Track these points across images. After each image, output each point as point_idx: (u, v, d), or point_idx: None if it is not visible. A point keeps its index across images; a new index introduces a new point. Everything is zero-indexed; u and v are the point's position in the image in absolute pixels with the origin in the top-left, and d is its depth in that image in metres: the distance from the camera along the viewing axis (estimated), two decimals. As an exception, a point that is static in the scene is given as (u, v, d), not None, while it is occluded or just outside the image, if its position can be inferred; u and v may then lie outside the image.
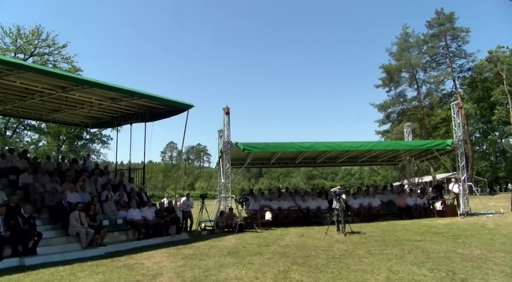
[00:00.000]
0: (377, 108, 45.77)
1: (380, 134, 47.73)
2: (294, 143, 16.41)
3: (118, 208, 11.82)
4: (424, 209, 17.55)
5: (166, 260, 8.31)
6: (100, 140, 34.06)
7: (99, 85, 11.09)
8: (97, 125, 18.37)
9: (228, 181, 15.59)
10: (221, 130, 16.18)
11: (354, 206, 16.69)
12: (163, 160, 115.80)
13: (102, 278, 6.67)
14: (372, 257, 8.00)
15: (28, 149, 25.98)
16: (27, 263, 8.00)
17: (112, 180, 14.21)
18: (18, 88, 11.03)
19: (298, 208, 16.40)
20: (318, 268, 7.07)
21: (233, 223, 13.96)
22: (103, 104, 13.16)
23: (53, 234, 9.87)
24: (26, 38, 28.45)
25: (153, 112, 14.36)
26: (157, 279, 6.53)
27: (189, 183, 79.54)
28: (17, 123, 30.38)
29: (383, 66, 44.44)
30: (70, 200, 10.76)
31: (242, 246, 10.20)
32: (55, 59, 30.38)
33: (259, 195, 17.68)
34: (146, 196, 14.14)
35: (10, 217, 8.66)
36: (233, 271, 6.94)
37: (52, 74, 10.91)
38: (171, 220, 12.47)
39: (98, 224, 10.27)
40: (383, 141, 39.78)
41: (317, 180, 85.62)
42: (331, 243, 10.20)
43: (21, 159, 13.04)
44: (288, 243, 10.44)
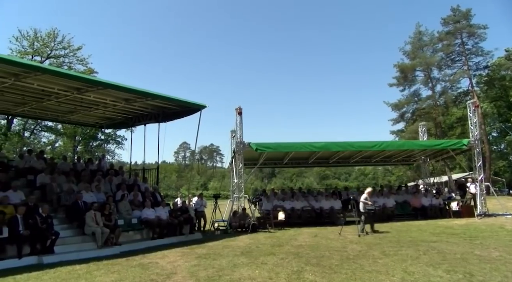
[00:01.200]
0: (391, 107, 45.27)
1: (394, 133, 47.21)
2: (307, 143, 16.32)
3: (132, 207, 11.95)
4: (439, 210, 17.26)
5: (180, 260, 8.37)
6: (114, 140, 34.53)
7: (113, 86, 11.23)
8: (111, 126, 18.62)
9: (241, 181, 15.61)
10: (233, 131, 16.21)
11: (368, 207, 16.50)
12: (176, 160, 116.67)
13: (117, 277, 6.75)
14: (386, 258, 7.91)
15: (45, 150, 26.49)
16: (45, 261, 8.16)
17: (126, 180, 14.39)
18: (36, 90, 11.26)
19: (311, 208, 16.32)
20: (332, 268, 7.02)
21: (246, 223, 13.98)
22: (117, 105, 13.33)
23: (69, 233, 10.04)
24: (42, 41, 29.04)
25: (166, 113, 14.49)
26: (171, 278, 6.58)
27: (202, 183, 79.93)
28: (35, 125, 31.05)
29: (397, 65, 43.92)
30: (85, 200, 10.93)
31: (255, 246, 10.20)
32: (70, 61, 30.98)
33: (272, 195, 17.65)
34: (160, 196, 14.27)
35: (28, 216, 8.86)
36: (246, 271, 6.95)
37: (67, 76, 11.11)
38: (184, 220, 12.55)
39: (113, 224, 10.41)
40: (397, 140, 39.29)
41: (330, 180, 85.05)
42: (345, 244, 10.13)
43: (39, 160, 13.32)
44: (301, 243, 10.40)
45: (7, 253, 8.23)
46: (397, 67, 43.99)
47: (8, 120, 27.86)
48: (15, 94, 11.82)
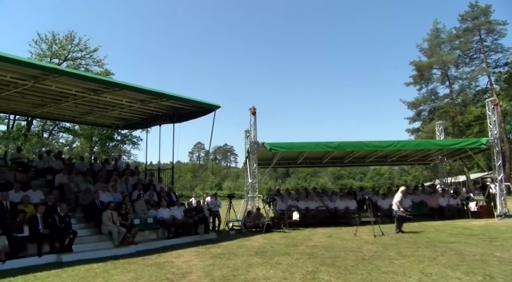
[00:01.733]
0: (408, 105, 44.62)
1: (410, 132, 46.51)
2: (321, 142, 16.22)
3: (148, 207, 12.10)
4: (457, 210, 16.93)
5: (195, 259, 8.42)
6: (130, 141, 34.99)
7: (129, 87, 11.39)
8: (127, 127, 18.88)
9: (255, 180, 15.62)
10: (247, 131, 16.24)
11: (384, 207, 16.32)
12: (191, 160, 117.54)
13: (133, 275, 6.84)
14: (403, 259, 7.81)
15: (63, 150, 27.03)
16: (63, 260, 8.33)
17: (142, 180, 14.56)
18: (54, 92, 11.50)
19: (325, 208, 16.21)
20: (347, 269, 6.96)
21: (261, 223, 13.99)
22: (133, 106, 13.51)
23: (87, 232, 10.22)
24: (60, 44, 29.64)
25: (181, 113, 14.61)
26: (186, 277, 6.63)
27: (216, 182, 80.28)
28: (53, 126, 31.73)
29: (413, 63, 43.25)
30: (102, 200, 11.12)
31: (269, 246, 10.20)
32: (87, 63, 31.53)
33: (286, 195, 17.62)
34: (175, 196, 14.39)
35: (48, 216, 9.07)
36: (261, 271, 6.95)
37: (84, 78, 11.36)
38: (199, 220, 12.64)
39: (129, 223, 10.56)
40: (414, 139, 38.69)
41: (345, 180, 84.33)
42: (360, 244, 10.03)
43: (57, 160, 13.60)
44: (316, 244, 10.35)
45: (28, 251, 8.44)
46: (413, 65, 43.33)
47: (28, 122, 28.56)
48: (34, 96, 12.12)
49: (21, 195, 9.67)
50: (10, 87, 10.81)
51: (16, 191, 9.91)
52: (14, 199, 9.47)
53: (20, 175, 11.47)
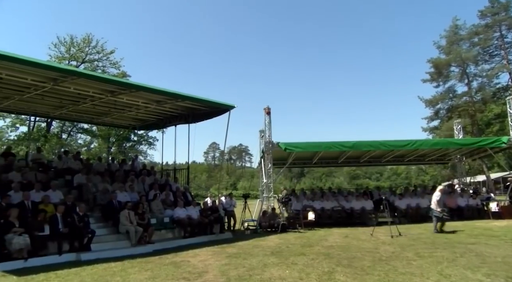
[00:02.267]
0: (425, 103, 43.80)
1: (427, 131, 45.64)
2: (336, 142, 16.10)
3: (164, 207, 12.23)
4: (477, 210, 16.56)
5: (211, 258, 8.47)
6: (146, 141, 35.32)
7: (145, 88, 11.54)
8: (143, 128, 19.13)
9: (270, 180, 15.62)
10: (262, 131, 16.25)
11: (401, 207, 16.13)
12: (206, 160, 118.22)
13: (150, 274, 6.92)
14: (421, 260, 7.68)
15: (81, 151, 27.55)
16: (83, 258, 8.50)
17: (158, 180, 14.73)
18: (72, 93, 11.76)
19: (341, 208, 16.09)
20: (364, 270, 6.89)
21: (276, 223, 13.97)
22: (149, 107, 13.68)
23: (104, 232, 10.40)
24: (78, 46, 30.17)
25: (196, 113, 14.71)
26: (202, 277, 6.67)
27: (231, 182, 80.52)
28: (72, 127, 32.32)
29: (431, 60, 42.44)
30: (120, 199, 11.29)
31: (285, 246, 10.17)
32: (104, 65, 31.98)
33: (302, 195, 17.55)
34: (190, 195, 14.51)
35: (67, 215, 9.26)
36: (276, 271, 6.94)
37: (101, 79, 11.61)
38: (215, 219, 12.71)
39: (146, 222, 10.69)
40: (431, 138, 38.02)
41: (361, 180, 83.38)
42: (377, 245, 9.92)
43: (75, 160, 13.88)
44: (332, 244, 10.28)
45: (48, 250, 8.65)
46: (430, 62, 42.54)
47: (48, 123, 29.17)
48: (53, 98, 12.41)
49: (42, 194, 9.91)
50: (31, 90, 11.10)
51: (37, 190, 10.17)
52: (35, 198, 9.73)
53: (41, 175, 11.75)
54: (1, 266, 7.48)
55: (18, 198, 9.42)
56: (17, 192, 9.69)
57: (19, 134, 28.32)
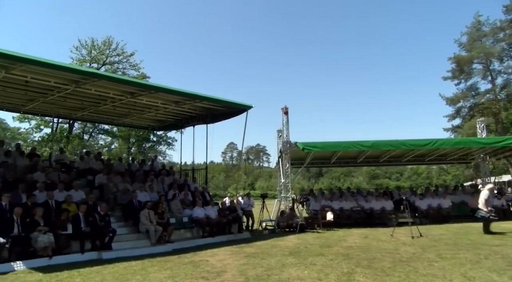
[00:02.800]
0: (446, 101, 42.80)
1: (448, 130, 44.61)
2: (355, 141, 15.92)
3: (183, 206, 12.35)
4: (502, 211, 16.06)
5: (229, 258, 8.51)
6: (165, 142, 35.75)
7: (164, 89, 11.71)
8: (162, 128, 19.39)
9: (288, 180, 15.58)
10: (280, 130, 16.22)
11: (422, 207, 15.83)
12: (223, 160, 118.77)
13: (170, 273, 7.00)
14: (443, 261, 7.52)
15: (102, 151, 28.13)
16: (104, 257, 8.68)
17: (177, 180, 14.90)
18: (93, 95, 12.03)
19: (361, 208, 15.90)
20: (384, 271, 6.79)
21: (294, 223, 13.92)
22: (168, 108, 13.86)
23: (125, 231, 10.59)
24: (99, 49, 30.81)
25: (213, 114, 14.82)
26: (221, 276, 6.71)
27: (249, 182, 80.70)
28: (93, 128, 33.05)
29: (452, 57, 41.42)
30: (140, 199, 11.47)
31: (303, 246, 10.13)
32: (124, 67, 32.55)
33: (320, 194, 17.44)
34: (209, 195, 14.62)
35: (89, 214, 9.48)
36: (295, 271, 6.92)
37: (121, 81, 11.85)
38: (233, 219, 12.77)
39: (165, 222, 10.82)
40: (453, 137, 37.14)
41: (380, 180, 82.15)
42: (397, 246, 9.76)
43: (97, 161, 14.18)
44: (351, 245, 10.17)
45: (71, 248, 8.87)
46: (452, 59, 41.53)
47: (70, 125, 29.91)
48: (75, 100, 12.73)
49: (65, 194, 10.19)
50: (54, 92, 11.43)
51: (60, 190, 10.45)
52: (59, 198, 10.00)
53: (63, 175, 12.05)
54: (28, 263, 7.73)
55: (43, 198, 9.71)
56: (42, 192, 9.98)
57: (43, 136, 29.24)
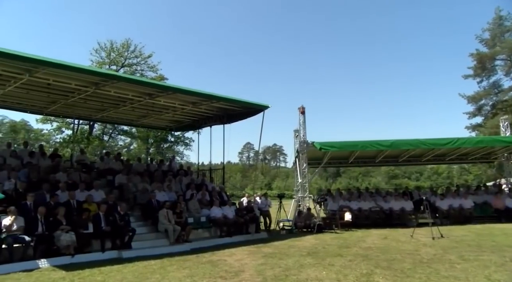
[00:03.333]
0: (467, 100, 41.79)
1: (470, 129, 43.52)
2: (373, 141, 15.72)
3: (201, 206, 12.44)
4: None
5: (247, 258, 8.53)
6: (183, 142, 36.09)
7: (181, 90, 11.84)
8: (180, 129, 19.60)
9: (305, 180, 15.51)
10: (297, 130, 16.17)
11: (443, 207, 15.50)
12: (240, 160, 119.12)
13: (188, 272, 7.07)
14: (465, 263, 7.34)
15: (121, 152, 28.63)
16: (124, 256, 8.83)
17: (195, 180, 15.01)
18: (113, 97, 12.27)
19: (379, 209, 15.69)
20: (404, 272, 6.69)
21: (312, 223, 13.85)
22: (185, 108, 13.99)
23: (144, 230, 10.75)
24: (117, 51, 31.35)
25: (230, 114, 14.89)
26: (239, 276, 6.73)
27: (266, 182, 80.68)
28: (112, 129, 33.67)
29: (474, 54, 40.40)
30: (158, 199, 11.62)
31: (321, 246, 10.07)
32: (142, 69, 33.02)
33: (338, 195, 17.29)
34: (226, 195, 14.69)
35: (109, 214, 9.66)
36: (313, 272, 6.88)
37: (140, 83, 12.06)
38: (250, 219, 12.79)
39: (183, 221, 10.93)
40: (475, 136, 36.21)
41: (399, 180, 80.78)
42: (417, 247, 9.59)
43: (116, 161, 14.43)
44: (370, 245, 10.05)
45: (92, 247, 9.05)
46: (473, 56, 40.50)
47: (90, 126, 30.55)
48: (95, 101, 13.01)
49: (86, 194, 10.40)
50: (75, 94, 11.71)
51: (81, 190, 10.69)
52: (80, 198, 10.23)
53: (84, 175, 12.31)
54: (51, 261, 7.95)
55: (65, 197, 9.94)
56: (64, 192, 10.22)
57: (64, 137, 29.93)
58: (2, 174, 10.19)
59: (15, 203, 8.76)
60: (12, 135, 51.01)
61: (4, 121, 57.54)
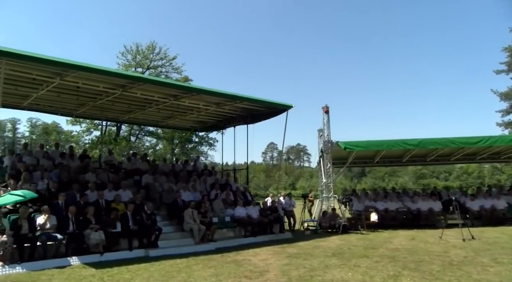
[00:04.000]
0: (500, 96, 40.19)
1: (503, 126, 41.82)
2: (400, 140, 15.38)
3: (225, 206, 12.54)
4: None
5: (271, 258, 8.53)
6: (207, 143, 36.47)
7: (205, 91, 11.98)
8: (204, 129, 19.81)
9: (329, 180, 15.35)
10: (321, 130, 16.01)
11: (474, 208, 15.01)
12: (264, 160, 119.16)
13: (214, 272, 7.14)
14: (499, 266, 7.08)
15: (147, 152, 29.21)
16: (151, 255, 9.01)
17: (219, 180, 15.14)
18: (139, 98, 12.54)
19: (407, 209, 15.35)
20: (433, 274, 6.51)
21: (337, 224, 13.70)
22: (209, 109, 14.13)
23: (170, 229, 10.94)
24: (143, 54, 32.01)
25: (254, 114, 14.93)
26: (264, 276, 6.74)
27: (290, 182, 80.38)
28: (139, 130, 34.42)
29: (508, 47, 38.77)
30: (184, 198, 11.79)
31: (347, 247, 9.94)
32: (167, 70, 33.56)
33: (363, 195, 17.03)
34: (250, 195, 14.73)
35: (136, 213, 9.88)
36: (338, 273, 6.81)
37: (165, 84, 12.35)
38: (274, 219, 12.78)
39: (208, 221, 11.05)
40: (508, 134, 34.80)
41: (427, 180, 78.68)
42: (446, 248, 9.32)
43: (143, 162, 14.74)
44: (397, 247, 9.85)
45: (120, 246, 9.28)
46: (508, 50, 38.89)
47: (117, 127, 31.35)
48: (122, 103, 13.34)
49: (114, 194, 10.68)
50: (103, 97, 12.05)
51: (109, 190, 10.97)
52: (108, 197, 10.50)
53: (112, 175, 12.63)
54: (82, 258, 8.21)
55: (94, 197, 10.24)
56: (93, 191, 10.52)
57: (92, 138, 30.86)
58: (36, 174, 10.60)
59: (48, 202, 9.12)
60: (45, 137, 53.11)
61: (37, 124, 60.00)
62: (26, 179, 9.69)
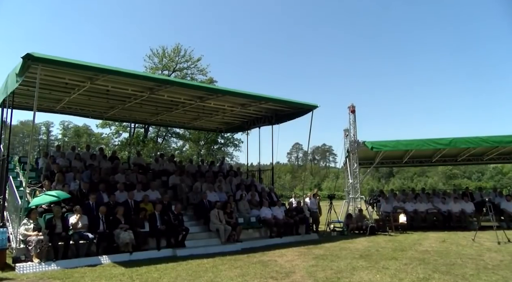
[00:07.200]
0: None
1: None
2: (430, 139, 14.98)
3: (250, 207, 12.59)
4: None
5: (297, 259, 8.49)
6: (232, 143, 36.70)
7: (230, 92, 12.04)
8: (229, 130, 19.95)
9: (356, 181, 15.12)
10: (347, 129, 15.80)
11: (510, 210, 14.41)
12: (289, 161, 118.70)
13: (240, 272, 7.17)
14: (537, 271, 6.76)
15: (175, 154, 29.70)
16: (178, 254, 9.15)
17: (244, 181, 15.21)
18: (166, 101, 12.80)
19: (437, 210, 14.92)
20: (466, 278, 6.29)
21: (364, 225, 13.47)
22: (234, 110, 14.23)
23: (197, 229, 11.08)
24: (169, 57, 32.57)
25: (279, 115, 14.89)
26: (290, 277, 6.71)
27: (315, 183, 79.72)
28: (166, 132, 35.05)
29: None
30: (210, 199, 11.91)
31: (374, 249, 9.76)
32: (192, 72, 33.97)
33: (391, 196, 16.67)
34: (275, 196, 14.71)
35: (164, 213, 10.07)
36: (366, 275, 6.69)
37: (191, 86, 12.52)
38: (300, 220, 12.71)
39: (234, 221, 11.12)
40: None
41: (458, 180, 76.10)
42: (480, 251, 8.99)
43: (170, 163, 15.01)
44: (427, 249, 9.59)
45: (149, 245, 9.50)
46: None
47: (145, 129, 32.04)
48: (150, 106, 13.63)
49: (142, 194, 10.91)
50: (131, 99, 12.36)
51: (138, 191, 11.22)
52: (137, 198, 10.75)
53: (141, 176, 12.91)
54: (112, 257, 8.44)
55: (123, 197, 10.51)
56: (122, 192, 10.80)
57: (121, 140, 31.70)
58: (68, 175, 10.99)
59: (80, 202, 9.45)
60: (76, 139, 55.02)
61: (69, 126, 62.28)
62: (59, 180, 10.08)
